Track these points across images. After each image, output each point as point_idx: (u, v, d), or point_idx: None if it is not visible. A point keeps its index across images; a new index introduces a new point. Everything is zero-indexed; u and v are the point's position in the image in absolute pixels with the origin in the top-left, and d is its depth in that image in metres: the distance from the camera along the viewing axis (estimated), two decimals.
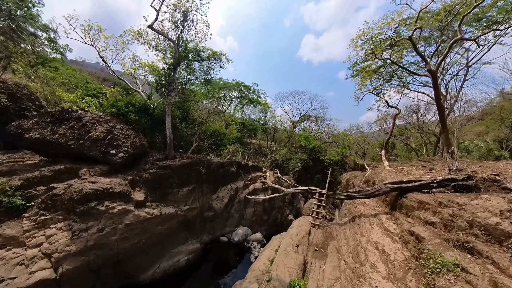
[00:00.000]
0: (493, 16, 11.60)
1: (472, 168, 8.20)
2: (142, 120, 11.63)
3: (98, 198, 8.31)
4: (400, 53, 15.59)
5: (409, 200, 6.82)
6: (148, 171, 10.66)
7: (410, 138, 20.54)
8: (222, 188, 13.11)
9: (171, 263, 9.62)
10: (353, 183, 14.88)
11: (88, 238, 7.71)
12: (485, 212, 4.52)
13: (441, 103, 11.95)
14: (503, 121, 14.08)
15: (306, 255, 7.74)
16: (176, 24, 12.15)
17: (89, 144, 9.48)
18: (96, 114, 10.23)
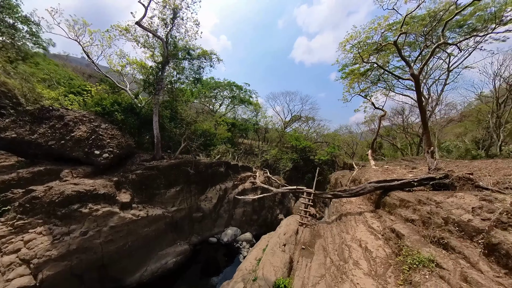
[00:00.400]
0: (473, 23, 12.29)
1: (450, 167, 8.62)
2: (129, 119, 11.34)
3: (81, 200, 8.06)
4: (387, 58, 16.19)
5: (391, 198, 7.10)
6: (135, 172, 10.43)
7: (396, 139, 21.47)
8: (210, 189, 13.06)
9: (159, 265, 9.49)
10: (341, 182, 15.28)
11: (71, 242, 7.47)
12: (459, 209, 4.75)
13: (423, 106, 12.54)
14: (480, 123, 15.05)
15: (293, 253, 7.84)
16: (165, 21, 11.92)
17: (71, 144, 9.14)
18: (79, 113, 9.87)
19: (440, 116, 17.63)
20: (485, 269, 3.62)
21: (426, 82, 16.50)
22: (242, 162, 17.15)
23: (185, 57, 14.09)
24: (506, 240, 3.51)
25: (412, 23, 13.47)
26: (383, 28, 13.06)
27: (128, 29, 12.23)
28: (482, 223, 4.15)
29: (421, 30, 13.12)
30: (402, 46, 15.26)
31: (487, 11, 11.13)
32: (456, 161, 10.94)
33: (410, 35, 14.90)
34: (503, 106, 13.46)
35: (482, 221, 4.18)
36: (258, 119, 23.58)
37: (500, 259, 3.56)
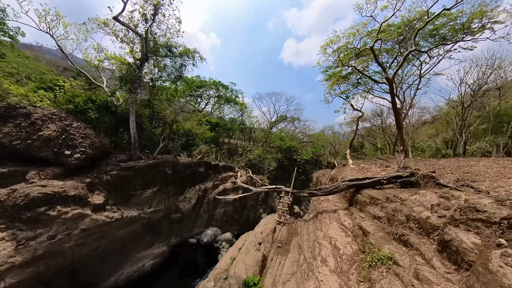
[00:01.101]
0: (444, 33, 13.12)
1: (419, 165, 9.23)
2: (104, 118, 10.94)
3: (49, 202, 7.76)
4: (366, 63, 16.85)
5: (362, 196, 7.43)
6: (110, 173, 10.14)
7: (376, 139, 22.60)
8: (190, 189, 12.98)
9: (135, 269, 9.35)
10: (321, 180, 15.76)
11: (37, 247, 7.18)
12: (419, 207, 4.95)
13: (396, 108, 13.35)
14: (449, 125, 16.28)
15: (268, 252, 8.05)
16: (145, 17, 11.58)
17: (39, 144, 8.69)
18: (48, 111, 9.38)
19: (414, 118, 18.81)
20: (438, 265, 3.80)
21: (402, 87, 17.42)
22: (225, 162, 17.15)
23: (167, 55, 13.79)
24: (456, 237, 3.68)
25: (389, 31, 14.12)
26: (361, 34, 13.58)
27: (107, 23, 11.72)
28: (438, 220, 4.33)
29: (396, 38, 13.80)
30: (380, 53, 16.10)
31: (458, 21, 11.88)
32: (426, 160, 11.81)
33: (388, 42, 15.62)
34: (468, 110, 14.59)
35: (438, 218, 4.37)
36: (243, 119, 23.62)
37: (451, 255, 3.73)
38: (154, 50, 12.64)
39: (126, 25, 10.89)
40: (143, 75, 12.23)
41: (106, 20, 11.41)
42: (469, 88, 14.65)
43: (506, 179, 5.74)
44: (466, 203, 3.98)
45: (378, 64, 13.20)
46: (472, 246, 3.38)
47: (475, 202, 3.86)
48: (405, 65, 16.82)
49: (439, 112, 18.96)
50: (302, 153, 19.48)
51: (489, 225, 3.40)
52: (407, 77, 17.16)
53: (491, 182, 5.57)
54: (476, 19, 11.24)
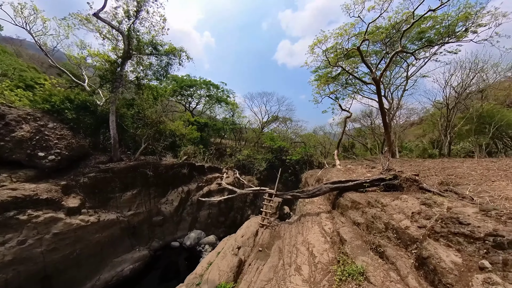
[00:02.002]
0: (430, 36, 13.18)
1: (405, 166, 9.15)
2: (83, 118, 10.67)
3: (19, 206, 7.55)
4: (356, 64, 16.85)
5: (345, 200, 7.26)
6: (87, 175, 9.94)
7: (366, 139, 22.90)
8: (172, 191, 12.85)
9: (113, 273, 9.24)
10: (308, 182, 15.73)
11: (5, 252, 6.99)
12: (399, 214, 4.71)
13: (383, 108, 13.65)
14: (435, 125, 16.62)
15: (247, 256, 7.84)
16: (128, 13, 11.28)
17: (11, 145, 8.43)
18: (23, 111, 9.11)
19: (402, 119, 19.07)
20: (413, 284, 3.45)
21: (389, 88, 17.59)
22: (213, 163, 17.02)
23: (152, 53, 13.54)
24: (435, 254, 3.30)
25: (377, 33, 14.12)
26: (349, 34, 13.55)
27: (89, 19, 11.41)
28: (417, 231, 4.04)
29: (384, 39, 13.80)
30: (369, 54, 16.14)
31: (443, 23, 11.92)
32: (412, 160, 11.95)
33: (377, 44, 15.62)
34: (452, 111, 14.85)
35: (418, 228, 4.09)
36: (234, 119, 23.48)
37: (428, 274, 3.35)
38: (138, 48, 12.39)
39: (107, 22, 10.63)
40: (124, 73, 11.94)
41: (88, 16, 11.09)
42: (454, 90, 14.88)
43: (490, 182, 5.66)
44: (449, 213, 3.71)
45: (365, 64, 13.36)
46: (451, 266, 3.03)
47: (458, 211, 3.60)
48: (393, 67, 16.94)
49: (426, 113, 19.36)
50: (292, 153, 19.46)
51: (472, 241, 3.06)
52: (395, 79, 17.46)
53: (475, 185, 5.45)
54: (461, 22, 11.33)
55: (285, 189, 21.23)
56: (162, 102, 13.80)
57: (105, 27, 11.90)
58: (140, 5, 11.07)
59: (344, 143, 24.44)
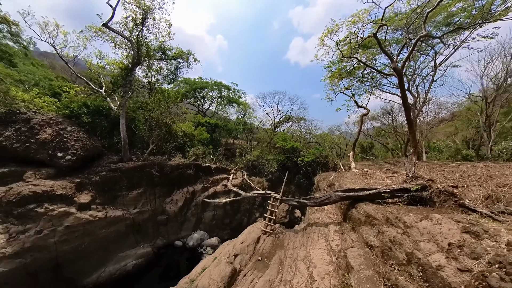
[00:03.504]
0: (461, 21, 11.55)
1: (435, 172, 8.00)
2: (98, 121, 11.98)
3: (38, 200, 8.77)
4: (374, 55, 15.62)
5: (358, 212, 6.41)
6: (99, 173, 11.08)
7: (387, 139, 20.99)
8: (177, 191, 13.51)
9: (117, 267, 10.08)
10: (320, 186, 15.04)
11: (25, 240, 8.16)
12: (429, 243, 3.56)
13: (407, 103, 12.24)
14: (470, 122, 14.54)
15: (245, 265, 7.54)
16: (136, 21, 12.36)
17: (36, 147, 9.88)
18: (46, 116, 10.61)
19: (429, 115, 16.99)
20: None
21: (414, 80, 15.85)
22: (222, 163, 17.46)
23: (161, 58, 14.56)
24: None
25: (396, 19, 12.90)
26: (363, 21, 12.59)
27: (103, 30, 12.82)
28: (458, 276, 2.81)
29: (404, 25, 12.52)
30: (389, 43, 14.81)
31: (475, 4, 10.35)
32: (443, 164, 10.48)
33: (397, 31, 14.27)
34: (492, 105, 12.73)
35: (458, 272, 2.85)
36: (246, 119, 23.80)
37: None
38: (148, 54, 13.45)
39: (116, 31, 11.78)
40: (133, 79, 13.05)
41: (101, 27, 12.48)
42: (491, 82, 12.68)
43: None
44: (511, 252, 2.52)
45: (384, 53, 12.25)
46: None
47: None
48: (418, 56, 15.23)
49: (458, 108, 16.84)
50: (304, 154, 18.88)
51: None
52: (420, 69, 15.57)
53: None
54: None
55: (298, 191, 20.71)
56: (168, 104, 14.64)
57: (118, 36, 13.24)
58: (146, 13, 12.03)
59: (362, 143, 22.79)
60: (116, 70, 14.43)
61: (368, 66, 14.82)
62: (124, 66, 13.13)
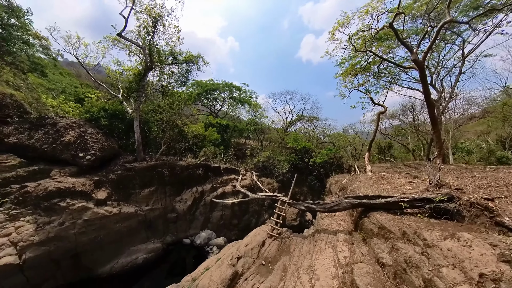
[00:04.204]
0: (493, 3, 10.43)
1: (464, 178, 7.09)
2: (115, 124, 13.21)
3: (61, 195, 9.97)
4: (391, 48, 14.82)
5: (370, 221, 5.93)
6: (115, 172, 12.19)
7: (408, 138, 19.55)
8: (186, 191, 14.20)
9: (129, 260, 10.99)
10: (332, 189, 14.66)
11: (50, 230, 9.33)
12: (455, 270, 2.99)
13: (430, 99, 11.43)
14: (507, 119, 12.94)
15: (247, 269, 7.61)
16: (147, 29, 13.42)
17: (61, 147, 11.27)
18: (70, 120, 12.04)
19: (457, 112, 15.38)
20: None
21: (438, 73, 14.60)
22: (232, 164, 17.92)
23: (173, 62, 15.54)
24: None
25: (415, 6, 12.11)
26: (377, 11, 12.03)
27: (118, 39, 14.14)
28: None
29: (424, 10, 11.70)
30: (408, 35, 13.94)
31: None
32: (474, 168, 9.44)
33: (417, 20, 13.39)
34: None
35: None
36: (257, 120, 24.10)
37: None
38: (160, 59, 14.48)
39: (129, 40, 12.91)
40: (146, 83, 14.13)
41: (116, 37, 13.78)
42: None
43: None
44: None
45: (401, 43, 11.62)
46: None
47: None
48: (441, 46, 14.04)
49: (492, 103, 14.97)
50: (316, 155, 18.51)
51: None
52: (445, 60, 14.27)
53: None
54: None
55: (310, 194, 20.33)
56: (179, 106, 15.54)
57: (132, 44, 14.46)
58: (157, 20, 12.99)
59: (379, 143, 21.55)
60: (131, 76, 15.80)
61: (384, 60, 14.13)
62: (138, 71, 14.33)
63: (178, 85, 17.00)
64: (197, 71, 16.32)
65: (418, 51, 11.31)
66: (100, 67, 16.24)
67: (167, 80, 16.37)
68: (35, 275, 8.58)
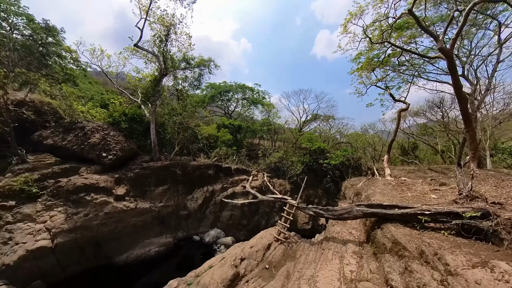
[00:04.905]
0: None
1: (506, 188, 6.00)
2: (134, 127, 14.90)
3: (87, 190, 11.67)
4: (413, 37, 14.03)
5: (383, 235, 5.45)
6: (133, 171, 13.75)
7: (436, 138, 17.77)
8: (197, 190, 15.23)
9: (143, 251, 12.30)
10: (346, 194, 14.32)
11: (77, 220, 10.99)
12: None
13: (462, 93, 10.26)
14: None
15: (250, 271, 7.68)
16: (160, 38, 14.92)
17: (88, 148, 13.15)
18: (96, 124, 13.96)
19: (496, 107, 13.59)
20: None
21: (471, 63, 13.28)
22: (244, 164, 18.60)
23: (186, 67, 16.92)
24: None
25: None
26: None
27: (136, 49, 15.94)
28: None
29: None
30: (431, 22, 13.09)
31: None
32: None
33: (441, 5, 12.54)
34: None
35: None
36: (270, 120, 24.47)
37: None
38: (173, 65, 15.92)
39: (144, 49, 14.50)
40: (161, 89, 15.64)
41: (134, 47, 15.57)
42: None
43: None
44: None
45: (424, 31, 11.02)
46: None
47: None
48: (473, 33, 12.83)
49: None
50: (330, 156, 18.17)
51: None
52: (479, 48, 12.95)
53: None
54: None
55: (325, 197, 20.00)
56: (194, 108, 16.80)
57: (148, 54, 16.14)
58: (169, 29, 14.39)
59: (402, 144, 19.93)
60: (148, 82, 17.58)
61: (405, 50, 13.41)
62: (153, 77, 15.95)
63: (191, 89, 18.39)
64: (209, 74, 17.52)
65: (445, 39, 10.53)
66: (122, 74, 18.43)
67: (181, 84, 17.86)
68: (64, 258, 10.20)
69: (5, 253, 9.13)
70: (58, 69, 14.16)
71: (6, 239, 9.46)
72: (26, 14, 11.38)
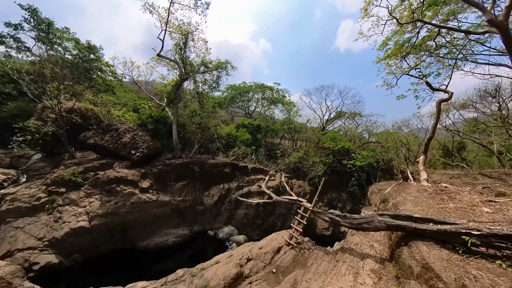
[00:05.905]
0: None
1: None
2: (159, 128, 17.44)
3: (118, 182, 14.22)
4: (453, 12, 12.67)
5: (410, 255, 4.63)
6: (157, 167, 16.06)
7: (491, 135, 15.02)
8: (214, 187, 16.71)
9: (161, 240, 14.23)
10: (371, 199, 13.75)
11: (109, 207, 13.49)
12: None
13: None
14: None
15: (255, 272, 7.78)
16: (179, 46, 17.23)
17: (120, 146, 15.99)
18: (127, 125, 16.86)
19: None
20: None
21: None
22: (262, 164, 19.50)
23: (205, 71, 18.99)
24: None
25: None
26: None
27: (159, 58, 18.64)
28: None
29: None
30: None
31: None
32: None
33: None
34: None
35: None
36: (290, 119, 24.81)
37: None
38: (193, 70, 18.12)
39: (165, 58, 16.97)
40: (181, 92, 17.91)
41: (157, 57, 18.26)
42: None
43: None
44: None
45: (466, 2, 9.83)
46: None
47: None
48: None
49: None
50: (356, 157, 17.59)
51: None
52: None
53: None
54: None
55: (350, 201, 19.33)
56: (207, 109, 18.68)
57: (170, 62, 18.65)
58: (187, 37, 16.58)
59: (445, 143, 17.39)
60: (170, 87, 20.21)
61: (443, 28, 11.86)
62: (175, 82, 18.39)
63: (211, 91, 20.39)
64: (227, 76, 19.23)
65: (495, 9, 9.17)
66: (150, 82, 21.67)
67: (201, 87, 20.03)
68: (98, 238, 12.67)
69: (56, 228, 11.97)
70: (100, 81, 17.76)
71: (57, 218, 12.35)
72: (75, 38, 14.93)
